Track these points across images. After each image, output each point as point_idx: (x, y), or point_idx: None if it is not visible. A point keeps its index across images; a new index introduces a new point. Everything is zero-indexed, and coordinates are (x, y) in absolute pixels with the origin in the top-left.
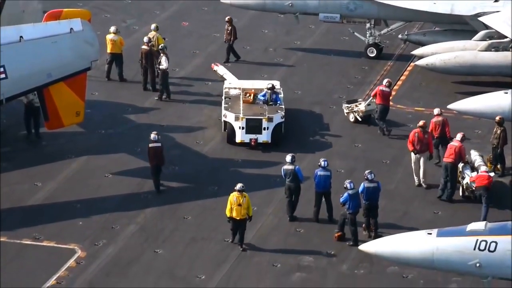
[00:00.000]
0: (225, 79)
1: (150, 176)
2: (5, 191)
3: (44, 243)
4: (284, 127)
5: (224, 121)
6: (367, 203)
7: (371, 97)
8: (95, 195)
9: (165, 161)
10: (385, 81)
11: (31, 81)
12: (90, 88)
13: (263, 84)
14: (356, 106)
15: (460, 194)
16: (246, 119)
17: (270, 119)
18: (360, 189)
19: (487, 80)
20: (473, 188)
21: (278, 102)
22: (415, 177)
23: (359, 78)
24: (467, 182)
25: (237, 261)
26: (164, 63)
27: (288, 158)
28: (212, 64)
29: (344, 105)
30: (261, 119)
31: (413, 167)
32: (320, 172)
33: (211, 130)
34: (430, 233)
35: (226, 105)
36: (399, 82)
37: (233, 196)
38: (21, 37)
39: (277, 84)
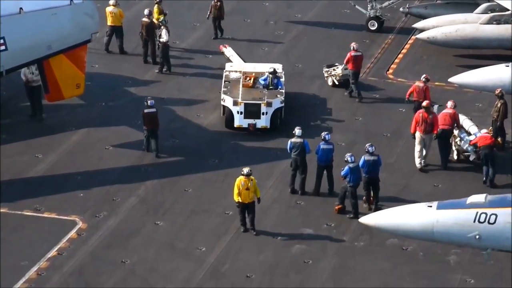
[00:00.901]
0: (231, 62)
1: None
2: (5, 163)
3: (45, 215)
4: (285, 111)
5: (223, 105)
6: (368, 177)
7: (344, 64)
8: (96, 167)
9: (159, 126)
10: (355, 46)
11: (31, 53)
12: (90, 60)
13: (265, 68)
14: (334, 70)
15: (455, 158)
16: (245, 103)
17: (269, 104)
18: (361, 162)
19: (488, 53)
20: (476, 150)
21: (279, 86)
22: (417, 160)
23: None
24: (460, 146)
25: (237, 233)
26: (164, 36)
27: (297, 131)
28: (221, 46)
29: (324, 69)
30: (260, 104)
31: (416, 149)
32: (323, 145)
33: (211, 103)
34: (430, 206)
35: (225, 89)
36: (400, 56)
37: (240, 181)
38: (21, 8)
39: (279, 67)
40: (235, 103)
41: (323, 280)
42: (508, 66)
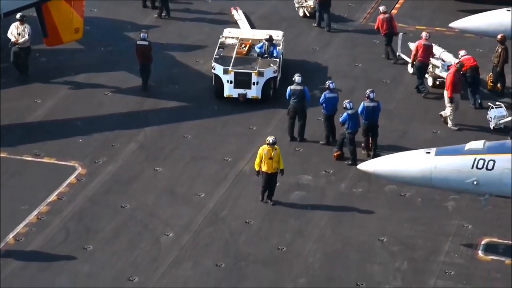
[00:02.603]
0: (238, 26)
1: (150, 94)
2: (4, 108)
3: (45, 160)
4: (282, 80)
5: (214, 73)
6: (367, 123)
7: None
8: (95, 113)
9: (152, 60)
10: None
11: None
12: (88, 4)
13: (264, 35)
14: (305, 1)
15: (430, 84)
16: (235, 72)
17: (260, 74)
18: (360, 109)
19: None
20: (462, 72)
21: (275, 55)
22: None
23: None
24: (434, 73)
25: (236, 179)
26: None
27: (297, 78)
28: (232, 8)
29: (295, 0)
30: (251, 73)
31: (450, 110)
32: (328, 94)
33: (211, 48)
34: (429, 152)
35: (217, 57)
36: (401, 1)
37: (264, 149)
38: None
39: (279, 34)
40: (225, 72)
41: (321, 226)
42: (509, 10)
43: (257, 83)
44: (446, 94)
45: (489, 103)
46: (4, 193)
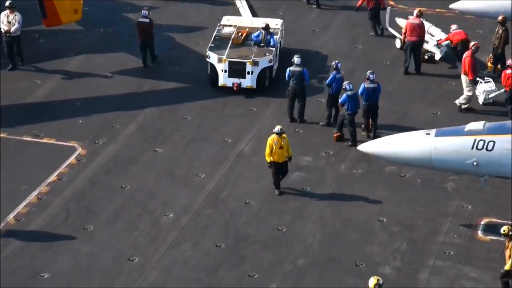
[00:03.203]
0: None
1: (149, 75)
2: (4, 88)
3: (45, 140)
4: (280, 69)
5: (209, 62)
6: (367, 104)
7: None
8: (95, 94)
9: (153, 37)
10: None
11: None
12: None
13: (269, 23)
14: None
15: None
16: (229, 61)
17: (255, 63)
18: (360, 90)
19: None
20: (452, 46)
21: (272, 44)
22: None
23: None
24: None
25: (236, 161)
26: None
27: (296, 59)
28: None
29: None
30: (245, 63)
31: (468, 92)
32: (338, 75)
33: (211, 30)
34: (429, 133)
35: (212, 45)
36: None
37: (273, 139)
38: None
39: (278, 23)
40: (220, 61)
41: (321, 207)
42: None
43: (252, 72)
44: (464, 78)
45: (478, 78)
46: (4, 174)
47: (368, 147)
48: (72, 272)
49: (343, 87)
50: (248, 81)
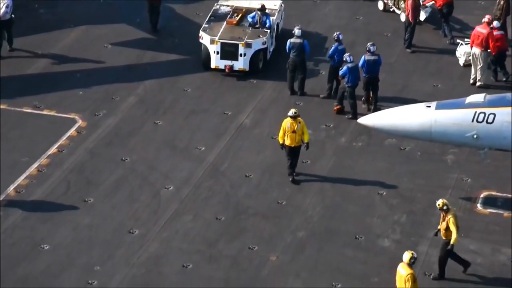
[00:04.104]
0: None
1: (149, 47)
2: (4, 59)
3: (45, 112)
4: (277, 51)
5: (202, 43)
6: (367, 76)
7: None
8: (95, 65)
9: (161, 1)
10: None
11: None
12: None
13: (266, 4)
14: None
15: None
16: (221, 43)
17: (248, 45)
18: (361, 62)
19: None
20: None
21: (268, 25)
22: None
23: None
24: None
25: (236, 133)
26: None
27: (297, 31)
28: None
29: None
30: (237, 44)
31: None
32: (340, 47)
33: (212, 1)
34: (429, 106)
35: (206, 25)
36: None
37: (287, 123)
38: None
39: (277, 4)
40: (212, 42)
41: (321, 180)
42: None
43: (245, 54)
44: (478, 52)
45: (458, 40)
46: (4, 145)
47: (369, 120)
48: (73, 243)
49: (344, 59)
50: (240, 63)
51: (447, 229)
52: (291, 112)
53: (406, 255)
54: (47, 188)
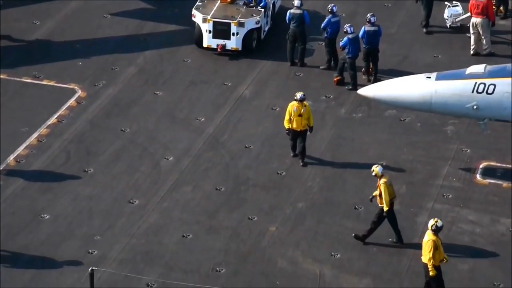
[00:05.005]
0: None
1: (149, 17)
2: (3, 29)
3: (44, 82)
4: (273, 30)
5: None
6: (367, 47)
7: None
8: (94, 35)
9: None
10: None
11: None
12: None
13: None
14: None
15: None
16: (213, 22)
17: (240, 24)
18: (361, 33)
19: None
20: None
21: (262, 4)
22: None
23: None
24: None
25: (236, 104)
26: None
27: (296, 1)
28: None
29: None
30: (230, 23)
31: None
32: (333, 18)
33: None
34: (429, 77)
35: (200, 3)
36: None
37: (293, 106)
38: None
39: None
40: (204, 20)
41: (321, 151)
42: None
43: (237, 34)
44: (481, 23)
45: (446, 2)
46: (4, 115)
47: (369, 91)
48: (73, 213)
49: (344, 30)
50: (233, 43)
51: (381, 195)
52: (299, 95)
53: (430, 222)
54: (47, 158)
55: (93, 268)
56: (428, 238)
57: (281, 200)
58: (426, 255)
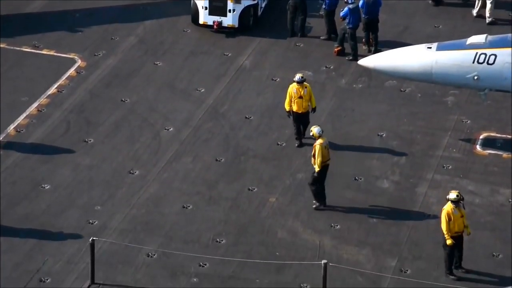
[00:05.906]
0: None
1: None
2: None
3: (44, 52)
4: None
5: None
6: (367, 18)
7: None
8: (94, 5)
9: None
10: None
11: None
12: None
13: None
14: None
15: None
16: None
17: (237, 1)
18: (360, 3)
19: None
20: None
21: None
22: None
23: None
24: None
25: (236, 75)
26: None
27: None
28: None
29: None
30: (226, 0)
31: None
32: None
33: None
34: (430, 47)
35: None
36: None
37: (293, 88)
38: None
39: None
40: None
41: (321, 121)
42: None
43: (234, 10)
44: None
45: None
46: (3, 85)
47: (369, 61)
48: (73, 183)
49: (344, 0)
50: (229, 20)
51: (314, 156)
52: (298, 77)
53: (452, 193)
54: (47, 128)
55: (94, 238)
56: (444, 207)
57: (281, 171)
58: (441, 225)
